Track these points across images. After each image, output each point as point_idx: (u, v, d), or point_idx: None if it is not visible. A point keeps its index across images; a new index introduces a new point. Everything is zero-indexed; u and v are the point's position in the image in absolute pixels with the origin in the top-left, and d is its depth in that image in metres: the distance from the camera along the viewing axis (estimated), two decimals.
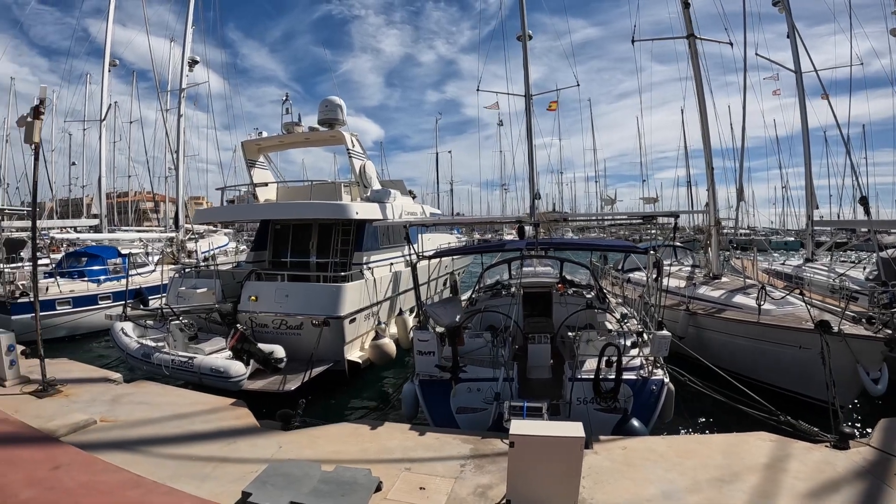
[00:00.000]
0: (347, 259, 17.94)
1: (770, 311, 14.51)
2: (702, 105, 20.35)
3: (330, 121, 21.99)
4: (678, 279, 20.09)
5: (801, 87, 25.94)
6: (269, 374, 13.94)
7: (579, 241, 24.11)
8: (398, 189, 24.17)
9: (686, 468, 7.94)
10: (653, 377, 10.88)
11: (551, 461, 6.47)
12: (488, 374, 11.11)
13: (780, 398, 12.80)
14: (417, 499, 7.18)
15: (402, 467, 8.10)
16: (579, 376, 10.79)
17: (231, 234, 47.25)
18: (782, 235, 66.64)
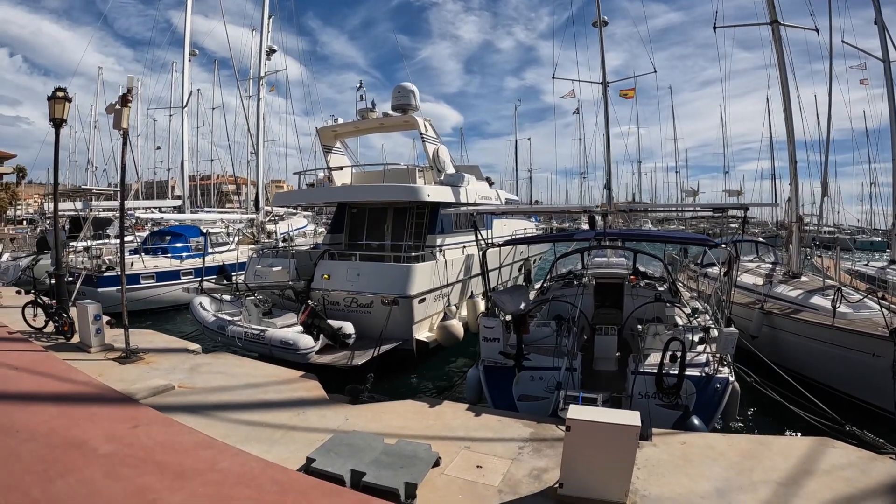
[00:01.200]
0: (421, 242, 18.18)
1: (846, 314, 14.05)
2: (785, 94, 19.77)
3: (403, 106, 22.20)
4: (757, 276, 19.92)
5: (889, 77, 24.89)
6: (338, 349, 14.34)
7: (648, 233, 23.78)
8: (473, 174, 24.35)
9: (744, 468, 7.85)
10: (718, 375, 10.69)
11: (606, 448, 6.53)
12: (550, 363, 11.16)
13: (849, 406, 12.62)
14: (474, 476, 7.36)
15: (462, 445, 8.29)
16: (642, 370, 10.73)
17: (310, 217, 48.09)
18: (868, 235, 64.07)
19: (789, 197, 21.62)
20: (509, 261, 23.87)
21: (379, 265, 16.36)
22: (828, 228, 55.45)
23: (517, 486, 7.13)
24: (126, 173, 13.45)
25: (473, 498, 6.82)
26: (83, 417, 8.64)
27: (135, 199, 40.70)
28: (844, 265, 26.89)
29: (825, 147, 23.12)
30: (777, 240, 31.19)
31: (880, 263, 27.57)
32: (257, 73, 30.82)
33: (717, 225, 36.03)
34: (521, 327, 11.58)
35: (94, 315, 13.04)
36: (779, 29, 19.85)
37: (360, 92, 22.91)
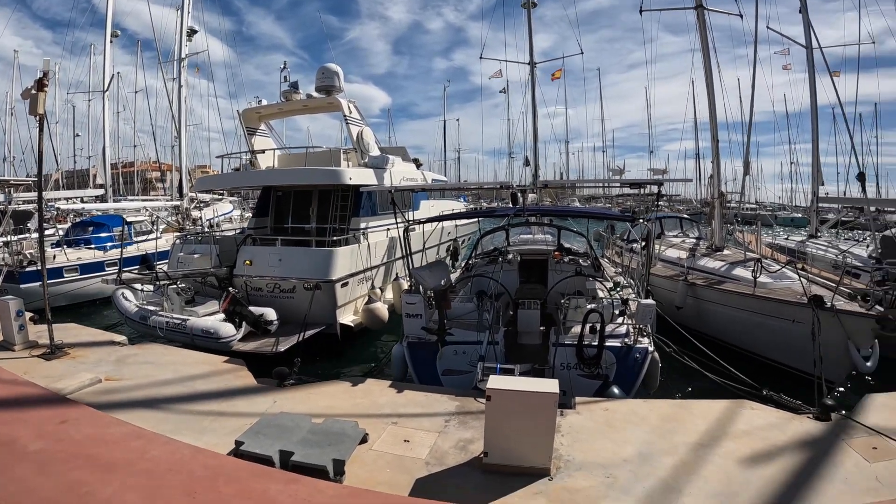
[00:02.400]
0: (346, 225, 18.02)
1: (767, 284, 14.59)
2: (708, 77, 20.27)
3: (327, 88, 21.84)
4: (681, 250, 20.45)
5: (811, 63, 25.80)
6: (261, 336, 14.18)
7: (570, 209, 24.08)
8: (399, 156, 24.17)
9: (665, 431, 8.09)
10: (637, 345, 10.94)
11: (526, 416, 6.66)
12: (473, 337, 11.28)
13: (772, 371, 13.19)
14: (401, 450, 7.43)
15: (389, 421, 8.35)
16: (563, 342, 10.95)
17: (236, 203, 47.34)
18: (789, 211, 66.36)
19: (711, 174, 22.37)
20: (436, 241, 23.80)
21: (300, 250, 16.14)
22: (750, 205, 57.17)
23: (444, 457, 7.22)
24: (44, 162, 13.05)
25: (401, 471, 6.88)
26: (11, 416, 8.42)
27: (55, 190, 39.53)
28: (765, 239, 27.86)
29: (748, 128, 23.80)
30: (701, 216, 32.13)
31: (800, 237, 28.51)
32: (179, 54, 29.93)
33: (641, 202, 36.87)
34: (443, 303, 11.68)
35: (16, 311, 12.66)
36: (703, 14, 20.32)
37: (284, 73, 22.48)
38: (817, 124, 26.95)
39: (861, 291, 13.25)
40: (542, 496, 6.39)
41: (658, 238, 22.71)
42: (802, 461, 7.31)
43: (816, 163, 27.65)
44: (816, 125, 27.00)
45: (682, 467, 7.10)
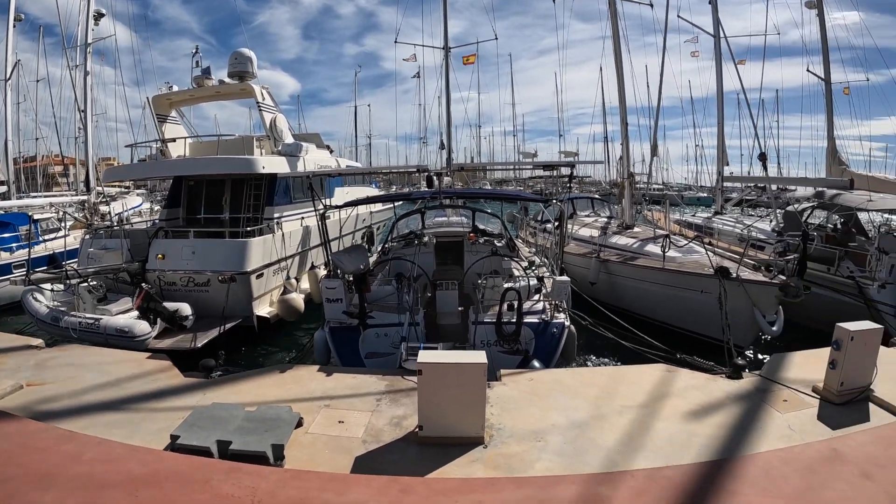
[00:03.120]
0: (259, 214, 17.75)
1: (675, 258, 15.33)
2: (618, 63, 20.94)
3: (240, 73, 21.62)
4: (593, 229, 21.19)
5: (718, 51, 26.98)
6: (177, 332, 13.90)
7: (484, 191, 24.44)
8: (313, 142, 24.06)
9: (589, 396, 8.54)
10: (554, 320, 11.43)
11: (457, 388, 6.94)
12: (394, 319, 11.50)
13: (684, 339, 13.66)
14: (337, 431, 7.56)
15: (322, 404, 8.43)
16: (482, 320, 11.36)
17: (144, 195, 46.05)
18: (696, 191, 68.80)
19: (621, 156, 23.22)
20: (352, 228, 23.72)
21: (213, 242, 15.86)
22: (658, 186, 58.93)
23: (380, 434, 7.42)
24: None
25: (340, 451, 7.02)
26: None
27: None
28: (673, 217, 28.93)
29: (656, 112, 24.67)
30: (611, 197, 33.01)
31: (706, 214, 29.80)
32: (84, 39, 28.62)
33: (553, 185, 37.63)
34: (363, 286, 11.86)
35: None
36: (615, 2, 20.99)
37: (195, 58, 22.04)
38: (723, 108, 28.46)
39: (764, 262, 14.07)
40: (479, 463, 6.68)
41: (570, 218, 23.53)
42: (722, 416, 7.90)
43: (721, 144, 29.05)
44: (722, 109, 28.49)
45: (609, 428, 7.55)
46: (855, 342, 7.92)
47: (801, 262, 12.65)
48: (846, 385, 8.14)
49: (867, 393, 8.30)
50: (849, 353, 7.95)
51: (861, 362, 8.16)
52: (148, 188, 48.46)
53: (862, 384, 8.26)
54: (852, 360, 8.03)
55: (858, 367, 8.17)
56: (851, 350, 7.94)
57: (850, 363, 8.04)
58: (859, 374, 8.22)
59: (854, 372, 8.15)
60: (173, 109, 22.43)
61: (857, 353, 8.00)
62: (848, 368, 8.07)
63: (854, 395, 8.18)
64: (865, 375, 8.29)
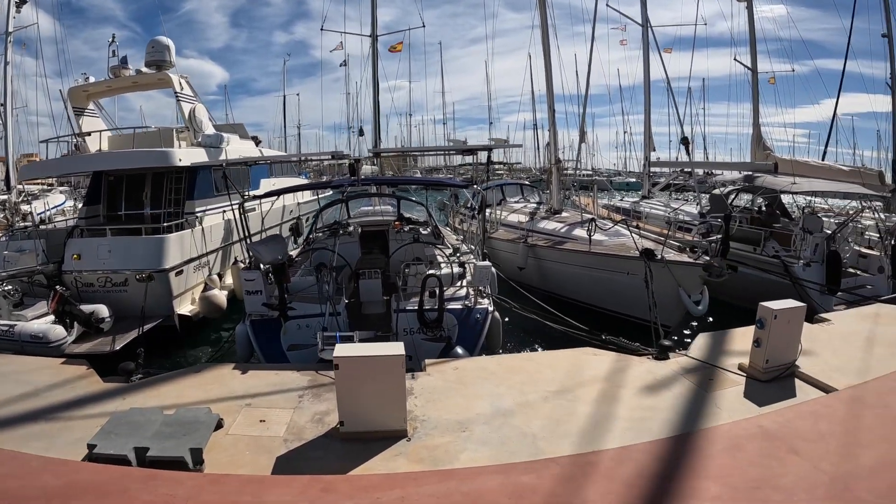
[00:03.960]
0: (180, 209, 17.16)
1: (602, 241, 15.41)
2: (546, 51, 21.03)
3: (157, 62, 20.73)
4: (522, 214, 21.26)
5: (646, 40, 27.70)
6: (97, 335, 13.29)
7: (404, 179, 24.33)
8: (236, 133, 23.56)
9: (514, 383, 8.44)
10: (478, 306, 11.42)
11: (376, 381, 6.76)
12: (316, 310, 11.29)
13: (613, 321, 13.87)
14: (258, 430, 7.30)
15: (243, 404, 8.15)
16: (404, 308, 11.25)
17: (68, 192, 44.53)
18: (624, 177, 70.40)
19: (548, 142, 23.70)
20: (277, 221, 23.15)
21: (129, 239, 15.29)
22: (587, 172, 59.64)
23: (301, 432, 7.20)
24: None
25: (261, 452, 6.78)
26: None
27: None
28: (602, 202, 29.35)
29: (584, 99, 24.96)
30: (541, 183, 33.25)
31: (634, 199, 30.52)
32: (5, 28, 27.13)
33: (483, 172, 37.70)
34: (282, 277, 11.60)
35: None
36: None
37: (112, 47, 21.24)
38: (649, 95, 29.39)
39: (689, 243, 14.27)
40: (403, 457, 6.51)
41: (500, 204, 23.64)
42: (648, 397, 7.89)
43: (648, 131, 30.31)
44: (648, 96, 29.46)
45: (535, 414, 7.45)
46: (778, 320, 8.01)
47: (724, 242, 13.02)
48: (771, 362, 8.21)
49: (792, 369, 8.43)
50: (773, 332, 8.03)
51: (785, 340, 8.26)
52: (72, 185, 46.94)
53: (787, 361, 8.37)
54: (776, 338, 8.11)
55: (783, 345, 8.26)
56: (775, 328, 8.02)
57: (774, 341, 8.11)
58: (784, 351, 8.31)
59: (779, 349, 8.23)
60: (90, 102, 21.56)
61: (780, 330, 8.08)
62: (772, 346, 8.14)
63: (780, 371, 8.28)
64: (790, 352, 8.42)
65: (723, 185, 23.20)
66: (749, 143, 25.20)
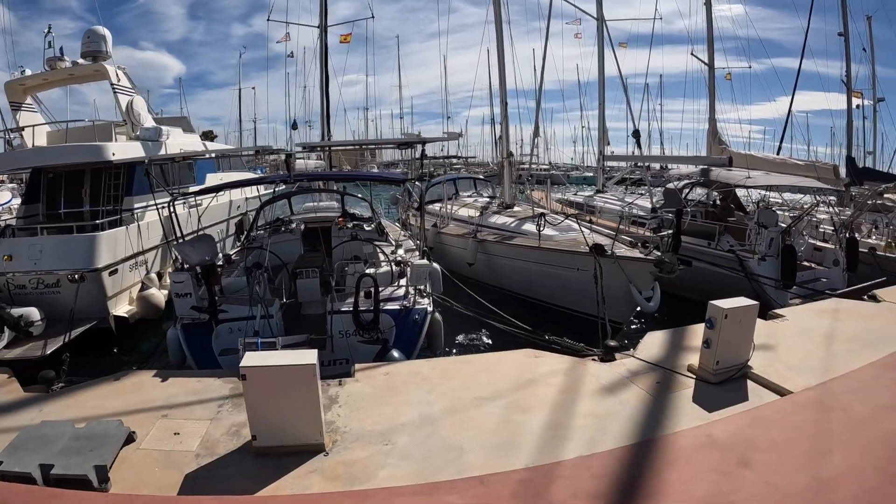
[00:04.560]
0: (119, 206, 16.56)
1: (553, 236, 15.18)
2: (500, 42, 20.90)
3: (93, 53, 19.86)
4: (474, 209, 20.99)
5: (601, 35, 28.40)
6: (27, 339, 12.66)
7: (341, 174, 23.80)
8: (180, 126, 22.83)
9: (447, 389, 7.88)
10: (416, 307, 10.95)
11: (288, 392, 6.21)
12: (248, 312, 10.68)
13: (565, 318, 13.86)
14: (171, 444, 6.70)
15: (160, 414, 7.54)
16: (339, 309, 10.68)
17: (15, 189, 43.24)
18: (581, 171, 71.20)
19: (500, 135, 23.45)
20: (223, 216, 22.41)
21: (60, 238, 14.63)
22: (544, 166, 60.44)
23: (215, 446, 6.62)
24: None
25: (170, 468, 6.20)
26: None
27: None
28: (556, 196, 29.24)
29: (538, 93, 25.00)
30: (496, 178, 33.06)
31: (588, 193, 30.65)
32: None
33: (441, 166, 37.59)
34: (212, 278, 10.98)
35: None
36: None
37: (48, 38, 19.91)
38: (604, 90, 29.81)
39: (640, 238, 14.01)
40: (317, 474, 5.97)
41: (452, 198, 23.58)
42: (589, 404, 7.34)
43: (602, 125, 30.67)
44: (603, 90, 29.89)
45: (465, 423, 6.91)
46: (729, 320, 7.52)
47: (676, 237, 12.80)
48: (722, 364, 7.74)
49: (745, 370, 7.98)
50: (723, 331, 7.54)
51: (736, 340, 7.78)
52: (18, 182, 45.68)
53: (739, 362, 7.90)
54: (727, 338, 7.64)
55: (734, 345, 7.80)
56: (726, 328, 7.54)
57: (724, 341, 7.64)
58: (735, 351, 7.84)
59: (730, 350, 7.76)
60: (28, 96, 20.57)
61: (731, 330, 7.60)
62: (723, 347, 7.67)
63: (731, 373, 7.82)
64: (742, 353, 7.94)
65: (678, 178, 23.13)
66: (704, 139, 25.45)
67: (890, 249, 17.86)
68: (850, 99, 29.09)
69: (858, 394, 7.53)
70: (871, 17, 37.74)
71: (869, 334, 9.91)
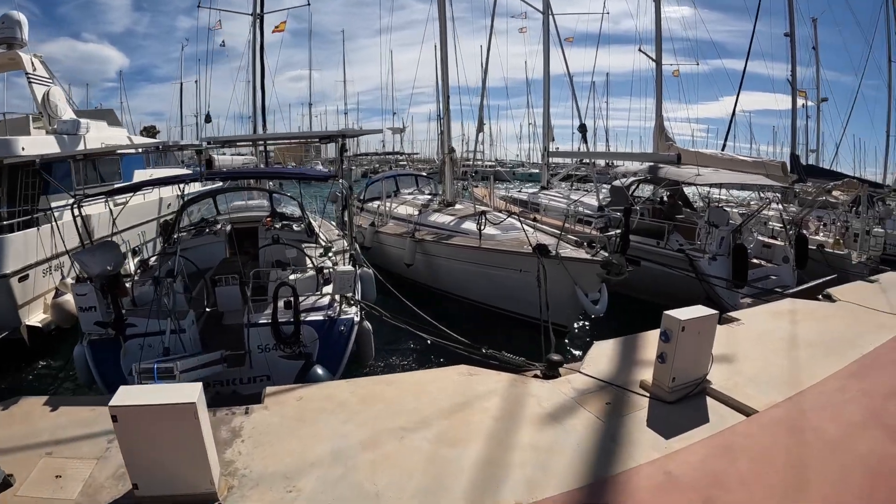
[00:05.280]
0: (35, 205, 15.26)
1: (495, 235, 14.48)
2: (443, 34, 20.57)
3: (7, 40, 18.22)
4: (413, 206, 20.03)
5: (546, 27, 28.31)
6: None
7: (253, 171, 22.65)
8: (105, 119, 21.37)
9: (367, 417, 6.81)
10: (342, 317, 9.92)
11: (167, 434, 5.17)
12: (158, 326, 9.50)
13: (508, 321, 13.37)
14: (51, 490, 5.63)
15: (44, 452, 6.41)
16: (256, 321, 9.58)
17: None
18: (527, 168, 71.57)
19: (441, 131, 22.89)
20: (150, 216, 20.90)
21: None
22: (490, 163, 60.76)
23: (98, 493, 5.58)
24: None
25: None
26: None
27: None
28: (500, 192, 28.76)
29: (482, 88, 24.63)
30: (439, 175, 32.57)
31: (532, 190, 30.16)
32: None
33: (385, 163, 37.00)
34: (116, 290, 9.84)
35: None
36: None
37: None
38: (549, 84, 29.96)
39: (586, 238, 13.35)
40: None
41: (392, 196, 22.85)
42: (530, 432, 6.41)
43: (547, 120, 30.60)
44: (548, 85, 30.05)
45: (385, 462, 5.88)
46: (687, 332, 6.66)
47: (624, 237, 12.14)
48: (678, 380, 6.93)
49: (703, 385, 7.22)
50: (680, 345, 6.69)
51: (695, 353, 6.98)
52: None
53: (696, 377, 7.12)
54: (685, 352, 6.81)
55: (692, 359, 6.99)
56: (683, 341, 6.69)
57: (682, 355, 6.80)
58: (693, 366, 7.04)
59: (687, 364, 6.96)
60: None
61: (689, 343, 6.78)
62: (680, 361, 6.83)
63: (688, 389, 7.03)
64: (700, 367, 7.14)
65: (624, 175, 22.69)
66: (650, 137, 25.44)
67: (838, 246, 17.56)
68: (794, 97, 29.28)
69: (827, 410, 6.85)
70: (816, 20, 38.25)
71: (828, 337, 9.41)
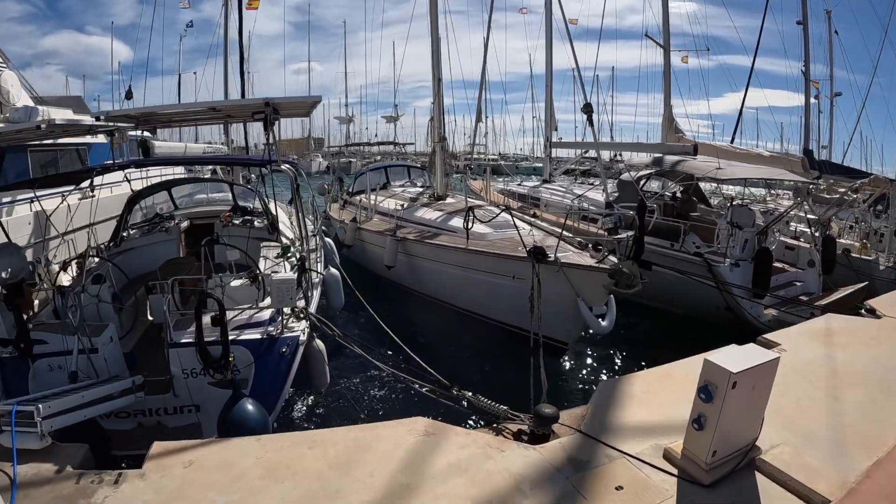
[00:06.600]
0: None
1: (486, 234, 12.42)
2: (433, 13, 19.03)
3: None
4: (401, 200, 18.15)
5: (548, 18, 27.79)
6: None
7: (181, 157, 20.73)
8: (71, 107, 19.20)
9: (268, 499, 4.53)
10: (285, 335, 7.82)
11: None
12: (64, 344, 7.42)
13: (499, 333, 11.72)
14: None
15: None
16: (179, 340, 7.52)
17: None
18: (531, 161, 71.40)
19: (431, 117, 21.82)
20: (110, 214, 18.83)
21: None
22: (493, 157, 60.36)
23: None
24: None
25: None
26: None
27: None
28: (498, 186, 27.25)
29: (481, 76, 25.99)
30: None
31: (533, 183, 28.62)
32: None
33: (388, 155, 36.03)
34: (19, 301, 7.78)
35: None
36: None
37: None
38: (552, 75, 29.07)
39: (592, 239, 11.21)
40: None
41: (383, 188, 21.49)
42: None
43: (549, 106, 29.10)
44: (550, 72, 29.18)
45: None
46: (738, 388, 4.30)
47: (638, 241, 9.70)
48: (721, 453, 4.61)
49: (752, 456, 4.87)
50: (728, 406, 4.33)
51: (745, 415, 4.67)
52: None
53: (743, 444, 4.83)
54: (732, 414, 4.45)
55: (740, 423, 4.68)
56: (732, 400, 4.33)
57: (728, 419, 4.44)
58: (741, 432, 4.77)
59: (733, 429, 4.62)
60: None
61: (739, 402, 4.43)
62: (724, 427, 4.47)
63: (733, 464, 4.73)
64: (750, 431, 4.85)
65: (634, 168, 20.94)
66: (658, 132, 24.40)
67: (865, 250, 16.16)
68: (808, 87, 28.15)
69: None
70: (830, 12, 37.37)
71: (880, 368, 7.22)
